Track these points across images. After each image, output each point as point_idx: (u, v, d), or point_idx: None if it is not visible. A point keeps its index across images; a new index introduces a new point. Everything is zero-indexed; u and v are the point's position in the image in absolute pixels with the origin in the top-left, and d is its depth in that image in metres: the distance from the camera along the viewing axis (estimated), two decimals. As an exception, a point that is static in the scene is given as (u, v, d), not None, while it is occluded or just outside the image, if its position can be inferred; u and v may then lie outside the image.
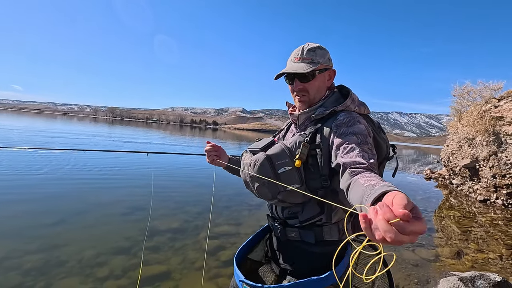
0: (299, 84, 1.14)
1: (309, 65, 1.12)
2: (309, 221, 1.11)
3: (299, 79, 1.14)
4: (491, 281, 2.42)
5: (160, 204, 4.96)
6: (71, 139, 15.38)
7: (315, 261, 1.12)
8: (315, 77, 1.14)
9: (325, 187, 1.07)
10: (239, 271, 1.11)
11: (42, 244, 3.11)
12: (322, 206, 1.10)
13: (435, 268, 3.15)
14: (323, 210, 1.10)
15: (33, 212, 4.04)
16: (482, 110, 7.08)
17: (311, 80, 1.14)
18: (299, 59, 1.14)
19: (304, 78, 1.14)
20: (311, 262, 1.13)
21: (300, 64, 1.13)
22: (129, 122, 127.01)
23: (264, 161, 1.05)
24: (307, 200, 1.10)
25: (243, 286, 1.04)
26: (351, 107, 1.13)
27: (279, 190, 1.05)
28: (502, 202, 6.94)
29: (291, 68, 1.13)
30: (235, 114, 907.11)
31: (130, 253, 3.07)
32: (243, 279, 1.05)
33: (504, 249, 4.08)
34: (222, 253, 3.27)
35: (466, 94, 7.77)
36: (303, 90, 1.15)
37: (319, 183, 1.07)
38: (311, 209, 1.11)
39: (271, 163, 1.05)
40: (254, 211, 5.02)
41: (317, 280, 0.99)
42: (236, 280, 1.13)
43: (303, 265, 1.14)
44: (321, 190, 1.08)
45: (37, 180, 5.75)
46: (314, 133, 1.09)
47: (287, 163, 1.04)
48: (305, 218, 1.11)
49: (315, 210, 1.10)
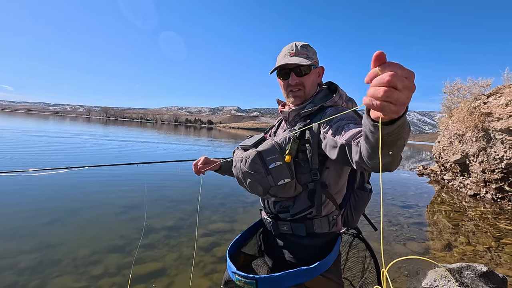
0: (296, 78, 1.16)
1: (306, 59, 1.14)
2: (300, 214, 1.14)
3: (295, 73, 1.15)
4: (478, 271, 2.50)
5: (155, 203, 4.97)
6: (65, 138, 15.21)
7: (307, 253, 1.15)
8: (311, 71, 1.17)
9: (315, 180, 1.10)
10: (231, 263, 1.13)
11: (36, 244, 3.10)
12: (312, 200, 1.13)
13: (425, 261, 3.23)
14: (313, 204, 1.12)
15: (26, 213, 4.02)
16: (471, 106, 7.23)
17: (307, 74, 1.16)
18: (294, 53, 1.16)
19: (301, 72, 1.15)
20: (302, 254, 1.16)
21: (297, 58, 1.14)
22: (123, 122, 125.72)
23: (255, 157, 1.08)
24: (298, 194, 1.13)
25: (235, 277, 1.06)
26: (339, 103, 1.17)
27: (270, 185, 1.08)
28: (491, 197, 7.11)
29: (290, 61, 1.13)
30: (230, 113, 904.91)
31: (124, 251, 3.08)
32: (235, 271, 1.07)
33: (493, 241, 4.19)
34: (217, 249, 3.30)
35: (456, 91, 7.92)
36: (299, 84, 1.17)
37: (309, 177, 1.10)
38: (302, 202, 1.14)
39: (262, 158, 1.08)
40: (249, 208, 5.06)
41: (306, 270, 1.02)
42: (229, 271, 1.15)
43: (295, 257, 1.17)
44: (311, 183, 1.11)
45: (29, 181, 5.70)
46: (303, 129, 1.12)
47: (278, 159, 1.06)
48: (296, 211, 1.15)
49: (306, 203, 1.13)
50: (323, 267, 1.07)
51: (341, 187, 1.19)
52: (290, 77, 1.16)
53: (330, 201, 1.14)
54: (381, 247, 0.57)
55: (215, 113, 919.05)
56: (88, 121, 75.76)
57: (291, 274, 1.01)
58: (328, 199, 1.13)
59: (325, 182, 1.12)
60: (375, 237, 3.42)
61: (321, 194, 1.12)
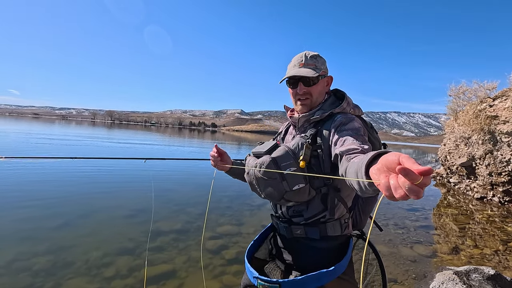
0: (304, 88, 1.21)
1: (313, 70, 1.19)
2: (314, 218, 1.18)
3: (303, 83, 1.21)
4: (485, 274, 2.51)
5: (162, 206, 5.04)
6: (72, 141, 15.42)
7: (320, 256, 1.19)
8: (318, 81, 1.22)
9: (327, 184, 1.14)
10: (252, 268, 1.17)
11: (49, 246, 3.18)
12: (325, 203, 1.16)
13: (432, 264, 3.24)
14: (327, 207, 1.16)
15: (38, 216, 4.12)
16: (477, 109, 7.20)
17: (314, 84, 1.21)
18: (303, 64, 1.21)
19: (309, 83, 1.20)
20: (316, 257, 1.19)
21: (305, 69, 1.20)
22: (127, 125, 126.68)
23: (270, 163, 1.11)
24: (312, 198, 1.16)
25: (258, 282, 1.10)
26: (347, 109, 1.23)
27: (285, 190, 1.11)
28: (498, 200, 7.05)
29: (299, 72, 1.19)
30: (233, 116, 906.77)
31: (134, 254, 3.15)
32: (257, 275, 1.11)
33: (500, 245, 4.17)
34: (226, 252, 3.35)
35: (461, 94, 7.90)
36: (307, 93, 1.22)
37: (322, 181, 1.14)
38: (316, 206, 1.17)
39: (276, 165, 1.10)
40: (256, 211, 5.11)
41: (326, 272, 1.07)
42: (249, 277, 1.19)
43: (309, 260, 1.20)
44: (324, 187, 1.15)
45: (37, 186, 5.82)
46: (314, 135, 1.17)
47: (292, 164, 1.09)
48: (310, 215, 1.18)
49: (319, 207, 1.17)
50: (341, 269, 1.11)
51: (351, 191, 1.23)
52: (298, 86, 1.22)
53: (341, 204, 1.18)
54: (365, 246, 0.62)
55: (219, 116, 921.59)
56: (93, 124, 76.52)
57: (313, 277, 1.05)
58: (340, 203, 1.17)
59: (337, 186, 1.15)
60: (381, 240, 3.44)
61: (334, 198, 1.15)
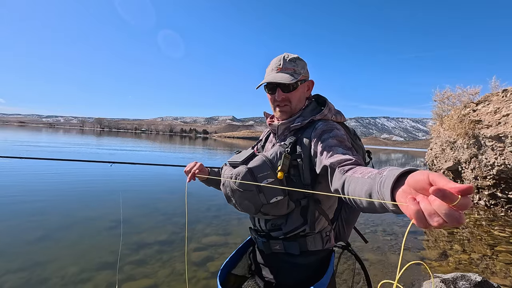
0: (282, 94, 1.13)
1: (292, 75, 1.11)
2: (293, 232, 1.10)
3: (281, 89, 1.13)
4: (472, 281, 2.49)
5: (146, 217, 4.89)
6: (61, 148, 14.99)
7: (301, 273, 1.12)
8: (297, 87, 1.14)
9: (307, 196, 1.07)
10: None
11: (23, 262, 3.00)
12: (305, 217, 1.09)
13: (420, 271, 3.21)
14: (306, 221, 1.09)
15: (11, 226, 3.91)
16: (461, 114, 7.35)
17: (294, 90, 1.13)
18: (281, 69, 1.13)
19: (287, 88, 1.12)
20: (296, 274, 1.12)
21: (283, 74, 1.11)
22: (117, 132, 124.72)
23: (246, 174, 1.03)
24: (291, 212, 1.09)
25: None
26: (328, 116, 1.15)
27: (262, 203, 1.03)
28: (484, 203, 7.16)
29: (275, 78, 1.11)
30: (225, 122, 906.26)
31: (114, 268, 3.00)
32: None
33: (488, 249, 4.20)
34: (211, 264, 3.24)
35: (446, 99, 8.08)
36: (285, 100, 1.14)
37: (301, 193, 1.06)
38: (295, 220, 1.09)
39: (252, 176, 1.02)
40: (243, 220, 5.00)
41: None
42: None
43: (288, 277, 1.13)
44: (304, 200, 1.08)
45: (9, 191, 5.58)
46: (294, 143, 1.09)
47: (269, 175, 1.01)
48: (289, 229, 1.10)
49: (299, 220, 1.09)
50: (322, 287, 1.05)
51: (333, 202, 1.17)
52: (276, 92, 1.14)
53: (323, 217, 1.12)
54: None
55: (210, 123, 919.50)
56: (82, 132, 75.01)
57: None
58: (321, 215, 1.11)
59: (318, 197, 1.09)
60: (370, 247, 3.40)
61: (314, 211, 1.09)
